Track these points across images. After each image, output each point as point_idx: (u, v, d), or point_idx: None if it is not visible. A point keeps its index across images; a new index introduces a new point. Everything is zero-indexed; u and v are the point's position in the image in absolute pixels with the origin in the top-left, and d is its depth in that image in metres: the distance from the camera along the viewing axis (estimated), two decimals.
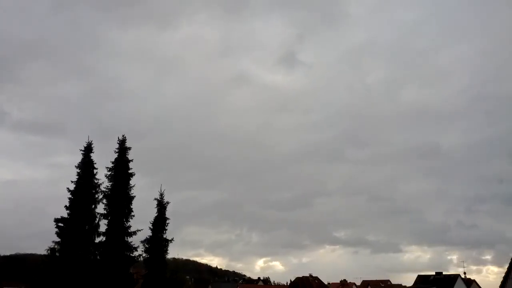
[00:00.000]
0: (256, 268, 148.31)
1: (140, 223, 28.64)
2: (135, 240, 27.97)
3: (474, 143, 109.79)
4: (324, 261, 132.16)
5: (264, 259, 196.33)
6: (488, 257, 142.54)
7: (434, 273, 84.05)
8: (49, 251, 26.26)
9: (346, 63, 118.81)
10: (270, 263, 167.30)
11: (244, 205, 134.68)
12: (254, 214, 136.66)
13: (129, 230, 27.75)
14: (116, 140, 29.39)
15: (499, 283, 22.02)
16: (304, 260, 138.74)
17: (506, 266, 21.66)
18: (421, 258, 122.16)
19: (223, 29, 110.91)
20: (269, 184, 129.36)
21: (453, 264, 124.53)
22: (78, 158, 28.00)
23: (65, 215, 26.57)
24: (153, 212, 29.10)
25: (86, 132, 25.29)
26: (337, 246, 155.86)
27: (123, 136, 29.54)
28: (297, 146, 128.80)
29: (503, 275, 21.98)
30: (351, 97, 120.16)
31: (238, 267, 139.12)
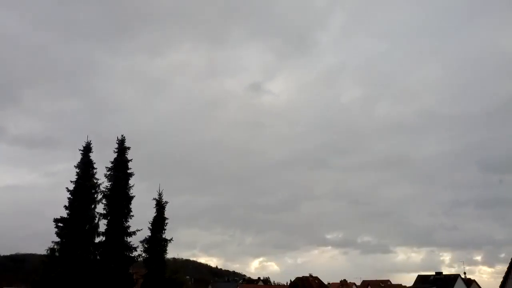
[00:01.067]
0: (251, 268, 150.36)
1: (139, 223, 28.73)
2: (134, 240, 28.02)
3: (443, 153, 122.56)
4: (318, 261, 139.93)
5: (259, 259, 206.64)
6: (478, 257, 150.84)
7: (434, 273, 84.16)
8: (49, 251, 26.24)
9: (322, 84, 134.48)
10: (265, 264, 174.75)
11: (235, 209, 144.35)
12: (245, 217, 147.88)
13: (129, 230, 27.76)
14: (114, 145, 29.29)
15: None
16: (299, 260, 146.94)
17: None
18: (412, 259, 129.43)
19: (207, 55, 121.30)
20: (258, 189, 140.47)
21: (445, 264, 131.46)
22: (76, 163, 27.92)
23: (65, 215, 26.60)
24: (152, 212, 29.18)
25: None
26: (328, 247, 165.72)
27: (122, 136, 29.54)
28: (283, 155, 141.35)
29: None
30: (330, 113, 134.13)
31: (233, 267, 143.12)
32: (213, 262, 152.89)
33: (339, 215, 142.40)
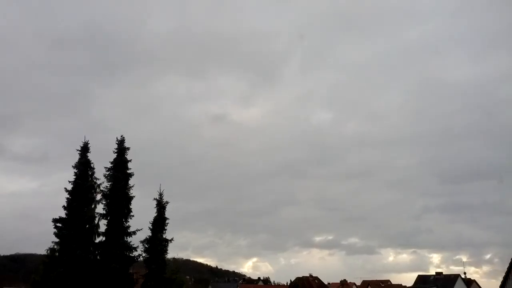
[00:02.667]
0: (245, 269, 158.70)
1: (140, 223, 28.70)
2: (134, 240, 27.95)
3: (408, 167, 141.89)
4: (309, 262, 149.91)
5: (252, 260, 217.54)
6: (464, 258, 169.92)
7: (434, 273, 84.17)
8: (49, 251, 26.25)
9: (293, 108, 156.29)
10: (259, 264, 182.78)
11: (224, 214, 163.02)
12: (233, 221, 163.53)
13: (129, 230, 27.71)
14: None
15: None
16: (292, 261, 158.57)
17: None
18: (399, 259, 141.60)
19: (188, 86, 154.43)
20: (244, 196, 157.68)
21: (434, 265, 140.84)
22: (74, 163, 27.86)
23: (63, 216, 26.53)
24: (152, 212, 29.14)
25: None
26: (316, 249, 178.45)
27: (121, 136, 29.44)
28: (266, 167, 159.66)
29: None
30: (303, 132, 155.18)
31: (227, 268, 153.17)
32: (207, 263, 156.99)
33: (322, 219, 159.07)
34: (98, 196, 27.73)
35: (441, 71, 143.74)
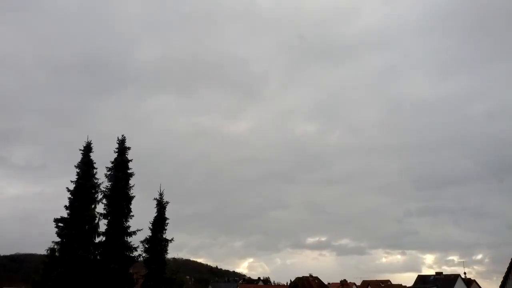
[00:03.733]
0: (241, 269, 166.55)
1: (140, 223, 28.71)
2: (134, 240, 27.95)
3: (387, 173, 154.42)
4: (304, 262, 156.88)
5: (248, 261, 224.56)
6: (455, 259, 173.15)
7: (434, 273, 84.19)
8: (49, 251, 26.23)
9: (277, 121, 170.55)
10: (255, 264, 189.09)
11: (218, 217, 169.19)
12: (227, 224, 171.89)
13: (129, 230, 27.72)
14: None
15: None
16: (285, 261, 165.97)
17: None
18: (392, 260, 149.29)
19: (180, 101, 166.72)
20: (237, 200, 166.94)
21: (426, 265, 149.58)
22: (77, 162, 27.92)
23: (65, 215, 26.56)
24: (152, 212, 29.14)
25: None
26: (308, 250, 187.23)
27: (122, 136, 29.48)
28: (256, 173, 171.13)
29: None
30: (288, 142, 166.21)
31: (224, 268, 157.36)
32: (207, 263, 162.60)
33: (311, 222, 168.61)
34: (99, 196, 27.74)
35: (410, 91, 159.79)
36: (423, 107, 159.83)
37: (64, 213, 26.67)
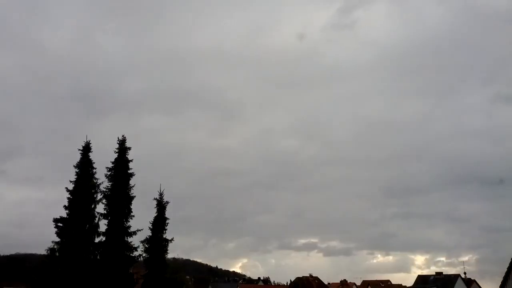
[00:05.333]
0: (237, 269, 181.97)
1: (140, 223, 28.74)
2: (135, 240, 27.93)
3: (360, 182, 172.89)
4: (297, 262, 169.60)
5: (242, 261, 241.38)
6: (443, 259, 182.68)
7: (434, 273, 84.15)
8: (49, 251, 26.15)
9: (259, 138, 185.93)
10: (250, 264, 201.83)
11: (208, 221, 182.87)
12: (217, 227, 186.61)
13: (129, 230, 27.68)
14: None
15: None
16: (283, 262, 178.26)
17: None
18: (382, 261, 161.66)
19: (168, 120, 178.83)
20: (225, 205, 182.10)
21: (415, 266, 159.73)
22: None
23: (64, 215, 26.51)
24: (152, 212, 29.14)
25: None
26: (297, 251, 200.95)
27: (123, 136, 29.46)
28: (242, 181, 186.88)
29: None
30: (270, 155, 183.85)
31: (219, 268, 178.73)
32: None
33: (297, 225, 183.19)
34: (99, 196, 27.69)
35: (377, 113, 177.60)
36: (388, 126, 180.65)
37: (64, 213, 26.64)
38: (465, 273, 77.79)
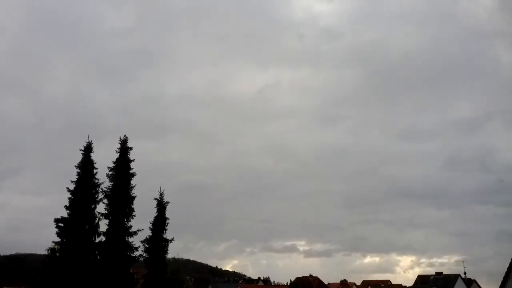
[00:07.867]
0: (228, 269, 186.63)
1: (141, 223, 28.82)
2: (135, 240, 27.93)
3: (340, 192, 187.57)
4: (290, 263, 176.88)
5: (233, 262, 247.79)
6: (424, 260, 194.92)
7: (434, 273, 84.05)
8: (49, 251, 26.16)
9: (235, 159, 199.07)
10: (241, 265, 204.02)
11: (194, 225, 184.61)
12: (204, 230, 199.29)
13: (130, 230, 27.69)
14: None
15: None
16: (279, 263, 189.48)
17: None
18: (365, 262, 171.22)
19: (155, 146, 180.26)
20: (213, 210, 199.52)
21: (400, 267, 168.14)
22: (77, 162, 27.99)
23: (65, 215, 26.52)
24: (153, 212, 29.17)
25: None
26: (277, 254, 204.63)
27: (124, 136, 29.48)
28: (222, 193, 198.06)
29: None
30: (250, 171, 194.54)
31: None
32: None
33: (278, 229, 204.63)
34: (100, 196, 27.69)
35: (335, 141, 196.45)
36: (346, 153, 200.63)
37: (64, 213, 26.66)
38: (465, 273, 77.75)
